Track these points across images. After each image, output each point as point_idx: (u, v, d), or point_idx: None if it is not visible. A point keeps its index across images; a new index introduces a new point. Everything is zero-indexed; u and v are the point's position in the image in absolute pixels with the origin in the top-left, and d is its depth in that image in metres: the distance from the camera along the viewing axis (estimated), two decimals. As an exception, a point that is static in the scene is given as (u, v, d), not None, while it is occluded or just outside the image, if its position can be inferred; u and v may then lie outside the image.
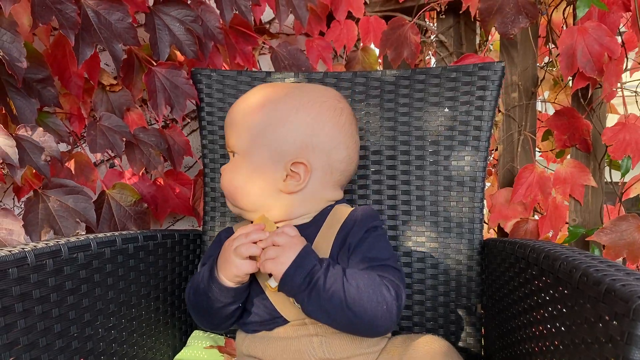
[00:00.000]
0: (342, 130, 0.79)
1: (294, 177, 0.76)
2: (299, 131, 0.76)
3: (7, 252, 0.60)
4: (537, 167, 1.24)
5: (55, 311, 0.66)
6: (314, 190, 0.78)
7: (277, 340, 0.75)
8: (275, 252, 0.68)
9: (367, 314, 0.66)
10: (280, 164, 0.76)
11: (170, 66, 1.01)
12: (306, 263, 0.67)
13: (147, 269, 0.85)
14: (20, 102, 0.87)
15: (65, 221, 0.91)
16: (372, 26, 1.38)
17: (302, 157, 0.76)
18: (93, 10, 0.87)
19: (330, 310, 0.67)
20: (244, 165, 0.78)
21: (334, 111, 0.78)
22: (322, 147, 0.77)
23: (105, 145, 0.99)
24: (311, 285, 0.66)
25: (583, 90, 1.25)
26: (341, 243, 0.75)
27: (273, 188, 0.77)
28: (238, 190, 0.79)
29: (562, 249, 0.63)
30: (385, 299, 0.67)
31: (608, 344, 0.47)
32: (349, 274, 0.68)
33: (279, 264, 0.67)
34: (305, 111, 0.77)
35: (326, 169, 0.78)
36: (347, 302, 0.66)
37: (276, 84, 0.85)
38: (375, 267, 0.72)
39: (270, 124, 0.76)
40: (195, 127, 1.39)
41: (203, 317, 0.80)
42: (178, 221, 1.38)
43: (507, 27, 1.14)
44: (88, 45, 0.87)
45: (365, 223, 0.76)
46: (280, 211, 0.78)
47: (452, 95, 0.93)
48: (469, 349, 0.92)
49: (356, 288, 0.67)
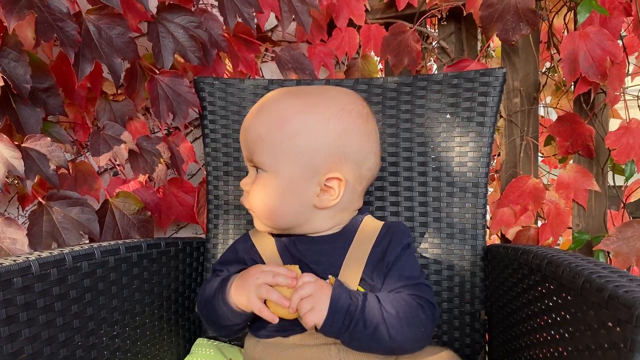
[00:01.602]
0: (371, 138, 0.77)
1: (328, 191, 0.73)
2: (331, 144, 0.72)
3: (11, 261, 0.60)
4: (533, 180, 1.24)
5: (59, 320, 0.67)
6: (346, 201, 0.76)
7: (292, 347, 0.73)
8: (309, 304, 0.66)
9: (408, 340, 0.68)
10: (314, 180, 0.73)
11: (173, 74, 1.02)
12: (341, 305, 0.66)
13: (151, 277, 0.85)
14: (26, 112, 0.88)
15: (68, 233, 0.91)
16: (372, 34, 1.39)
17: (335, 170, 0.73)
18: (94, 25, 0.88)
19: (374, 344, 0.67)
20: (274, 184, 0.73)
21: (361, 119, 0.75)
22: (354, 158, 0.74)
23: (109, 154, 1.00)
24: (352, 326, 0.66)
25: (585, 95, 1.25)
26: (377, 258, 0.74)
27: (308, 205, 0.74)
28: (272, 211, 0.75)
29: (566, 255, 0.63)
30: (423, 322, 0.69)
31: (611, 350, 0.46)
32: (384, 301, 0.68)
33: (317, 313, 0.65)
34: (336, 122, 0.73)
35: (357, 179, 0.76)
36: (390, 333, 0.67)
37: (293, 90, 0.79)
38: (410, 287, 0.72)
39: (301, 137, 0.72)
40: (199, 135, 1.39)
41: (213, 327, 0.80)
42: (182, 229, 1.39)
43: (508, 34, 1.15)
44: (88, 62, 0.88)
45: (401, 240, 0.76)
46: (312, 226, 0.76)
47: (454, 102, 0.94)
48: (473, 355, 0.92)
49: (396, 317, 0.67)
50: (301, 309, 0.66)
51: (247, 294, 0.69)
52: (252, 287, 0.69)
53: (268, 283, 0.68)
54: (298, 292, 0.67)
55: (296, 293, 0.67)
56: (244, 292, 0.70)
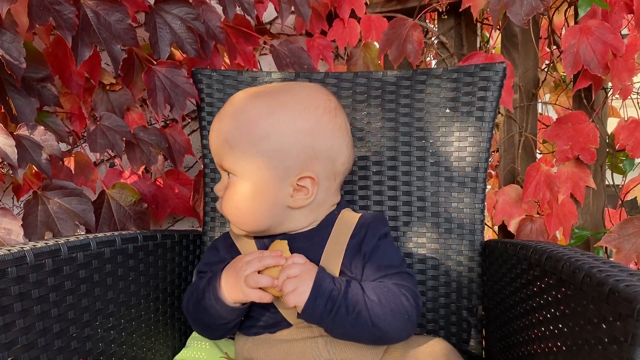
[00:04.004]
0: (341, 133, 0.76)
1: (302, 190, 0.73)
2: (301, 143, 0.71)
3: (6, 251, 0.60)
4: (543, 166, 1.23)
5: (54, 311, 0.66)
6: (321, 199, 0.75)
7: (280, 342, 0.73)
8: (293, 284, 0.66)
9: (391, 328, 0.68)
10: (286, 181, 0.72)
11: (170, 65, 1.01)
12: (324, 289, 0.66)
13: (147, 269, 0.85)
14: (20, 102, 0.87)
15: (64, 223, 0.90)
16: (374, 24, 1.38)
17: (307, 169, 0.72)
18: (92, 10, 0.87)
19: (356, 330, 0.67)
20: (246, 188, 0.73)
21: (329, 114, 0.74)
22: (326, 155, 0.73)
23: (106, 145, 0.99)
24: (334, 311, 0.66)
25: (586, 93, 1.25)
26: (354, 250, 0.74)
27: (281, 206, 0.73)
28: (246, 215, 0.74)
29: (565, 250, 0.63)
30: (407, 309, 0.69)
31: (612, 344, 0.46)
32: (367, 289, 0.68)
33: (299, 295, 0.65)
34: (303, 120, 0.72)
35: (330, 176, 0.75)
36: (372, 320, 0.66)
37: (258, 91, 0.77)
38: (391, 275, 0.72)
39: (269, 139, 0.71)
40: (196, 127, 1.39)
41: (204, 330, 0.79)
42: (178, 222, 1.38)
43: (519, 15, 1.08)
44: (87, 46, 0.87)
45: (377, 230, 0.75)
46: (289, 225, 0.76)
47: (454, 96, 0.93)
48: (470, 350, 0.92)
49: (379, 304, 0.67)
50: (285, 289, 0.66)
51: (240, 288, 0.70)
52: (242, 281, 0.70)
53: (254, 276, 0.69)
54: (285, 271, 0.67)
55: (283, 272, 0.67)
56: (236, 287, 0.70)
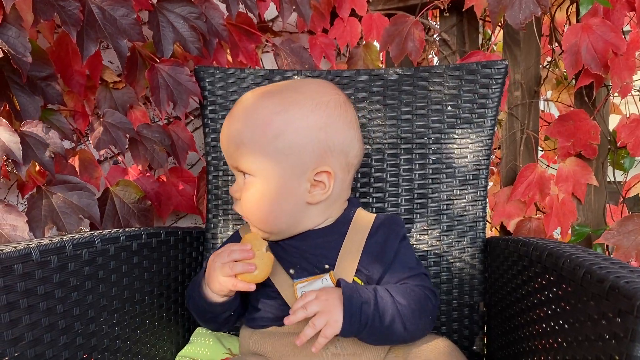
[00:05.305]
0: (352, 126, 0.77)
1: (319, 185, 0.74)
2: (315, 138, 0.72)
3: (12, 248, 0.60)
4: (539, 167, 1.24)
5: (59, 307, 0.66)
6: (336, 193, 0.77)
7: (288, 335, 0.73)
8: (323, 319, 0.65)
9: (418, 329, 0.71)
10: (303, 177, 0.73)
11: (174, 63, 1.01)
12: (354, 307, 0.66)
13: (151, 266, 0.85)
14: (24, 100, 0.87)
15: (68, 217, 0.91)
16: (375, 23, 1.38)
17: (323, 164, 0.73)
18: (97, 6, 0.87)
19: (391, 336, 0.69)
20: (265, 188, 0.73)
21: (340, 108, 0.76)
22: (340, 149, 0.75)
23: (109, 142, 0.99)
24: (369, 323, 0.66)
25: (587, 90, 1.25)
26: (372, 249, 0.75)
27: (301, 203, 0.74)
28: (267, 214, 0.75)
29: (566, 247, 0.63)
30: (431, 310, 0.72)
31: (612, 341, 0.47)
32: (396, 293, 0.70)
33: (334, 325, 0.65)
34: (315, 116, 0.73)
35: (344, 169, 0.77)
36: (405, 325, 0.68)
37: (267, 90, 0.77)
38: (413, 277, 0.74)
39: (284, 137, 0.71)
40: (199, 124, 1.39)
41: (202, 321, 0.84)
42: (181, 219, 1.39)
43: (517, 17, 1.08)
44: (92, 41, 0.87)
45: (397, 232, 0.78)
46: (307, 224, 0.76)
47: (456, 94, 0.93)
48: (471, 347, 0.92)
49: (409, 308, 0.69)
50: (317, 327, 0.65)
51: (216, 279, 0.72)
52: (216, 272, 0.72)
53: (226, 262, 0.71)
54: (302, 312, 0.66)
55: (299, 312, 0.66)
56: (213, 279, 0.73)
